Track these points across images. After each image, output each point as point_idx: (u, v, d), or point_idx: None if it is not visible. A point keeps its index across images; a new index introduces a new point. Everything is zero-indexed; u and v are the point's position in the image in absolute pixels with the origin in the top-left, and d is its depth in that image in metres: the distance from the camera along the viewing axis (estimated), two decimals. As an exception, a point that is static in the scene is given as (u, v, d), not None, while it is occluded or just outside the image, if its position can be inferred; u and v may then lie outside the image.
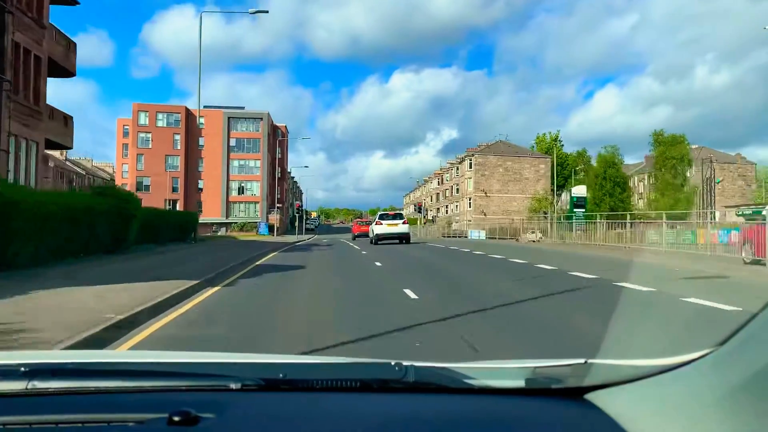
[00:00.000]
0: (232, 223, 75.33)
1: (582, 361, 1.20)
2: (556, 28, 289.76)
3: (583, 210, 37.98)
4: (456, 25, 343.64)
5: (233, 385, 1.15)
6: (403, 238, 33.17)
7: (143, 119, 76.72)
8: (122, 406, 1.10)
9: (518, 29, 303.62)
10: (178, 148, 77.16)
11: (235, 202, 79.75)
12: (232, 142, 79.39)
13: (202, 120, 78.95)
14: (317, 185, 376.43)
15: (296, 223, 51.13)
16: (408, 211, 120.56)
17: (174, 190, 77.00)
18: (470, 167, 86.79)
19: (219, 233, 72.70)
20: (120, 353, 4.22)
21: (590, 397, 1.12)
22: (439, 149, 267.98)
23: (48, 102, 22.88)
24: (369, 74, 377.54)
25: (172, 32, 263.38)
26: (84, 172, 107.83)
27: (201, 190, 78.85)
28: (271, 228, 60.58)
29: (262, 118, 79.36)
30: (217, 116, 79.02)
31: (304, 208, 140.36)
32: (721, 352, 0.94)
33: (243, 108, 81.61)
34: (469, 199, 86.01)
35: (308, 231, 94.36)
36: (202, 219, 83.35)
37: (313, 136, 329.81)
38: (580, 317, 7.36)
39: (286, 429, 1.05)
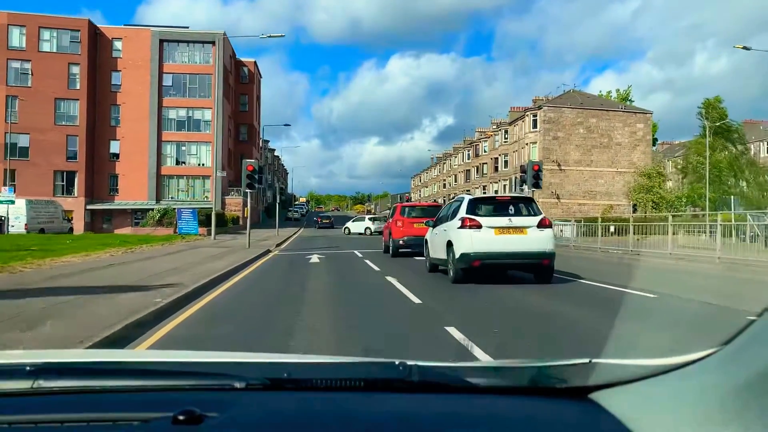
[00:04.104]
0: (149, 210, 45.62)
1: (586, 360, 1.20)
2: (558, 13, 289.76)
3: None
4: (458, 10, 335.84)
5: (238, 385, 1.15)
6: (539, 266, 10.43)
7: (17, 39, 46.91)
8: (127, 405, 1.10)
9: (520, 13, 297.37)
10: (77, 87, 47.55)
11: (171, 177, 50.28)
12: (167, 80, 49.80)
13: (118, 44, 49.51)
14: (310, 172, 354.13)
15: (247, 208, 21.60)
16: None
17: (71, 156, 47.51)
18: (534, 126, 57.84)
19: (141, 226, 43.31)
20: (125, 352, 3.97)
21: (595, 396, 1.11)
22: (435, 136, 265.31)
23: None
24: (367, 58, 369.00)
25: (167, 15, 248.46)
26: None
27: (116, 156, 49.40)
28: (205, 221, 31.32)
29: (213, 43, 49.72)
30: (142, 39, 49.46)
31: (291, 192, 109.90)
32: (726, 351, 0.94)
33: (187, 27, 51.87)
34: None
35: (290, 222, 65.07)
36: (117, 203, 54.11)
37: (308, 122, 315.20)
38: None
39: (291, 428, 1.05)
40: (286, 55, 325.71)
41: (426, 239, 13.23)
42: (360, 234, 43.24)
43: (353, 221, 47.62)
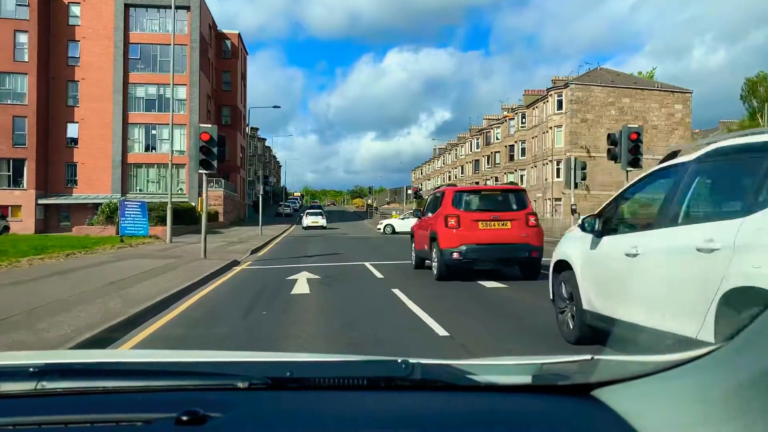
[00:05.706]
0: (97, 204, 38.22)
1: (588, 357, 1.21)
2: (556, 6, 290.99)
3: None
4: (456, 3, 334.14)
5: (241, 384, 1.15)
6: None
7: (-49, 1, 39.48)
8: (130, 405, 1.10)
9: (519, 6, 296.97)
10: (26, 59, 40.14)
11: (139, 166, 42.98)
12: (134, 52, 42.43)
13: (76, 9, 42.11)
14: (307, 168, 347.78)
15: (201, 198, 14.14)
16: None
17: (18, 141, 40.13)
18: (559, 107, 50.78)
19: (88, 224, 35.80)
20: (127, 352, 4.02)
21: (597, 393, 1.12)
22: (432, 131, 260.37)
23: None
24: (364, 53, 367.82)
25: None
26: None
27: (74, 142, 42.06)
28: (164, 218, 24.01)
29: (189, 8, 42.35)
30: (105, 2, 42.03)
31: (283, 186, 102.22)
32: (729, 348, 0.93)
33: (158, -8, 44.39)
34: (558, 164, 50.28)
35: (281, 219, 57.93)
36: (75, 196, 46.30)
37: (305, 117, 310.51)
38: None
39: (294, 427, 1.05)
40: (283, 51, 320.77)
41: (569, 261, 5.41)
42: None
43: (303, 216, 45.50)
